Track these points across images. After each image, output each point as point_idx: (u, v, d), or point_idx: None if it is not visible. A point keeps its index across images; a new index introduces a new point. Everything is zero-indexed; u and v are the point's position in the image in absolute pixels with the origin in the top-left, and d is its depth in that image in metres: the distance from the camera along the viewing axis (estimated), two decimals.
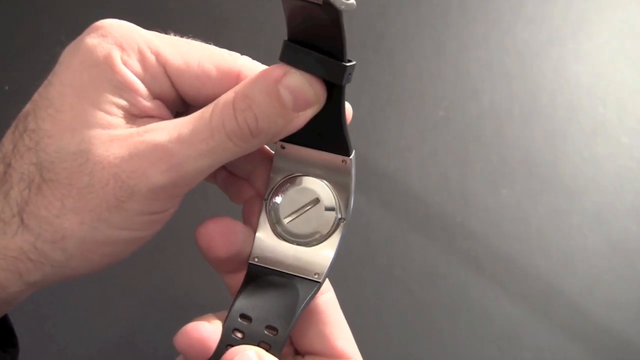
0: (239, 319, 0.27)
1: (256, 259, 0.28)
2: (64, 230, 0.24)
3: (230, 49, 0.52)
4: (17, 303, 0.26)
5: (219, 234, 0.27)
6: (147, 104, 0.25)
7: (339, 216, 0.28)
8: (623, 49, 0.57)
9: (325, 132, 0.26)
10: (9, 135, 0.25)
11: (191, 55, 0.26)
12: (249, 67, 0.27)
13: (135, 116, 0.25)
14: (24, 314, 0.35)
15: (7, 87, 0.54)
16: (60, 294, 0.46)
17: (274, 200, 0.28)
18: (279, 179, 0.28)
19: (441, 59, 0.56)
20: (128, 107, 0.25)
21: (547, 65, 0.56)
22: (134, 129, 0.24)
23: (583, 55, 0.57)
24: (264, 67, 0.27)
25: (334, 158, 0.27)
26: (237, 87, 0.25)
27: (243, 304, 0.28)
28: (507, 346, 0.46)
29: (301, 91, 0.25)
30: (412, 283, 0.48)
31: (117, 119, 0.24)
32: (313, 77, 0.25)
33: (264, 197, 0.28)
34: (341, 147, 0.27)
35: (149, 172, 0.23)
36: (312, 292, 0.28)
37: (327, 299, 0.30)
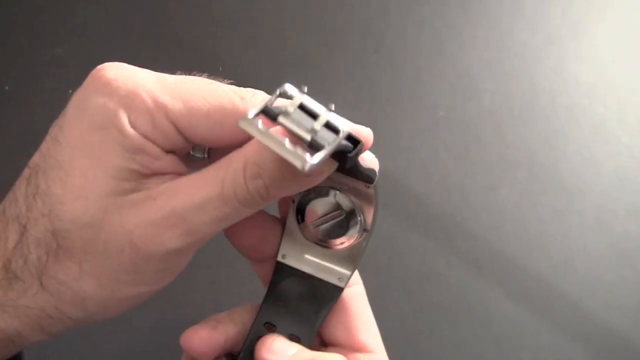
0: (264, 327, 0.28)
1: (283, 256, 0.29)
2: (84, 293, 0.24)
3: (230, 49, 0.53)
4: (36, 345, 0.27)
5: (249, 224, 0.27)
6: (158, 163, 0.25)
7: (363, 227, 0.28)
8: (623, 49, 0.57)
9: (345, 171, 0.26)
10: (22, 188, 0.25)
11: (201, 107, 0.25)
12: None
13: (147, 175, 0.25)
14: None
15: (7, 87, 0.54)
16: None
17: (301, 203, 0.28)
18: None
19: (441, 59, 0.56)
20: (140, 169, 0.24)
21: (547, 65, 0.56)
22: (146, 192, 0.24)
23: (583, 55, 0.57)
24: None
25: (359, 183, 0.27)
26: (248, 151, 0.24)
27: (268, 311, 0.28)
28: (507, 346, 0.46)
29: None
30: (412, 283, 0.48)
31: (129, 183, 0.24)
32: None
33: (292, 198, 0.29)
34: (363, 177, 0.27)
35: (164, 238, 0.24)
36: (334, 299, 0.29)
37: (354, 291, 0.30)
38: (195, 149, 0.27)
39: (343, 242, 0.29)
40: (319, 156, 0.20)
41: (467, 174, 0.52)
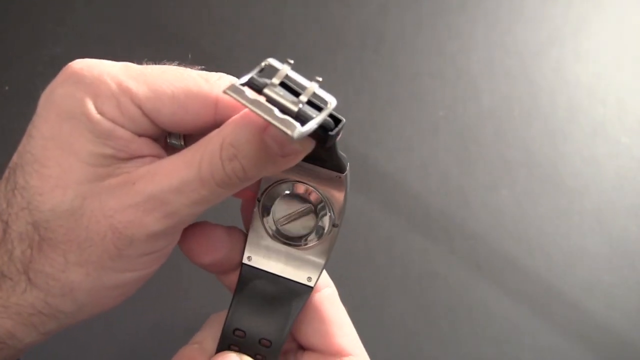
0: (234, 335, 0.27)
1: (249, 258, 0.28)
2: (71, 283, 0.24)
3: (230, 49, 0.53)
4: (32, 347, 0.26)
5: (200, 242, 0.27)
6: (133, 145, 0.25)
7: (332, 222, 0.27)
8: (623, 49, 0.57)
9: (320, 157, 0.25)
10: (1, 188, 0.25)
11: (165, 90, 0.25)
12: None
13: (124, 159, 0.24)
14: None
15: (7, 87, 0.54)
16: None
17: (267, 201, 0.28)
18: (273, 181, 0.28)
19: (441, 59, 0.56)
20: (114, 154, 0.24)
21: (547, 65, 0.56)
22: (124, 176, 0.24)
23: (583, 55, 0.57)
24: None
25: (329, 173, 0.26)
26: (224, 133, 0.24)
27: (236, 318, 0.28)
28: (507, 346, 0.46)
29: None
30: (412, 283, 0.48)
31: (105, 169, 0.24)
32: None
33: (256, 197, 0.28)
34: (335, 166, 0.26)
35: (145, 220, 0.24)
36: (304, 299, 0.28)
37: (325, 295, 0.30)
38: (171, 136, 0.27)
39: (311, 239, 0.28)
40: (308, 125, 0.20)
41: (467, 174, 0.52)
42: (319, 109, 0.21)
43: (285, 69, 0.21)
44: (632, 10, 0.58)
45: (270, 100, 0.21)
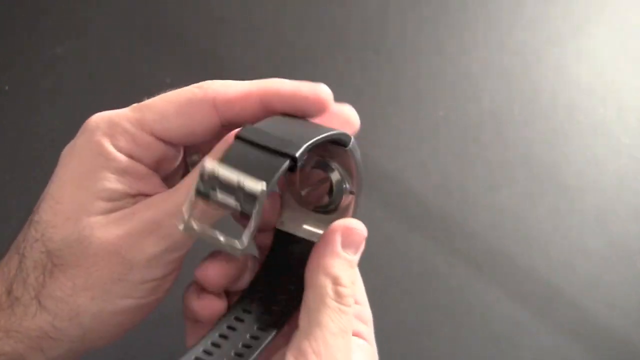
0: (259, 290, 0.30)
1: (281, 223, 0.31)
2: (78, 307, 0.26)
3: (230, 48, 0.53)
4: None
5: (220, 272, 0.29)
6: (142, 183, 0.27)
7: (349, 190, 0.30)
8: (623, 49, 0.57)
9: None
10: (24, 228, 0.28)
11: (168, 108, 0.27)
12: (222, 90, 0.28)
13: (131, 196, 0.27)
14: None
15: (7, 87, 0.54)
16: None
17: (292, 174, 0.30)
18: None
19: (441, 59, 0.56)
20: (126, 190, 0.27)
21: (547, 66, 0.56)
22: (129, 209, 0.26)
23: (583, 55, 0.57)
24: (238, 83, 0.29)
25: (337, 148, 0.29)
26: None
27: (265, 276, 0.30)
28: (507, 346, 0.46)
29: None
30: (412, 283, 0.48)
31: (114, 203, 0.27)
32: None
33: None
34: (340, 142, 0.28)
35: (144, 244, 0.26)
36: None
37: None
38: (190, 155, 0.30)
39: (333, 206, 0.30)
40: (246, 234, 0.22)
41: (467, 174, 0.52)
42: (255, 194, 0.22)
43: (215, 170, 0.22)
44: (632, 10, 0.58)
45: (217, 204, 0.22)
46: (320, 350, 0.26)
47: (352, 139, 0.28)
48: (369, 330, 0.31)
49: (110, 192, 0.26)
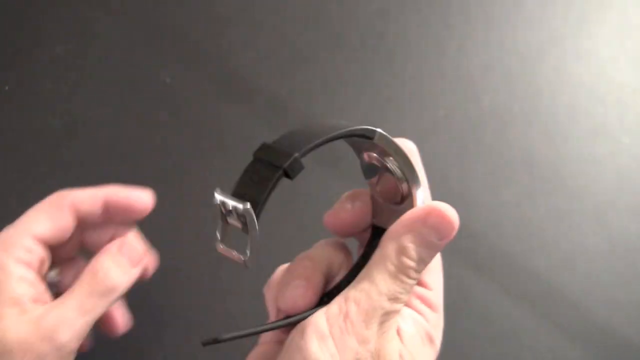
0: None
1: (374, 219, 0.33)
2: None
3: (230, 48, 0.53)
4: None
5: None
6: (34, 290, 0.33)
7: (399, 177, 0.32)
8: (623, 49, 0.57)
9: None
10: None
11: (44, 212, 0.35)
12: (76, 194, 0.36)
13: (37, 301, 0.33)
14: None
15: (7, 87, 0.54)
16: None
17: (368, 176, 0.33)
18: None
19: (441, 59, 0.56)
20: (27, 299, 0.33)
21: (547, 66, 0.56)
22: (32, 313, 0.32)
23: (583, 55, 0.57)
24: (86, 190, 0.37)
25: (369, 141, 0.30)
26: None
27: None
28: (507, 346, 0.46)
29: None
30: None
31: (20, 307, 0.32)
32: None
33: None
34: (363, 136, 0.30)
35: (37, 345, 0.31)
36: None
37: None
38: (48, 272, 0.36)
39: (399, 196, 0.32)
40: (248, 247, 0.26)
41: (467, 174, 0.52)
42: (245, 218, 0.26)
43: (223, 202, 0.27)
44: (632, 10, 0.58)
45: (233, 226, 0.27)
46: (361, 300, 0.27)
47: (378, 131, 0.29)
48: (435, 317, 0.31)
49: (13, 299, 0.32)
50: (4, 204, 0.49)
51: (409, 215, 0.29)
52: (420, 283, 0.31)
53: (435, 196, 0.52)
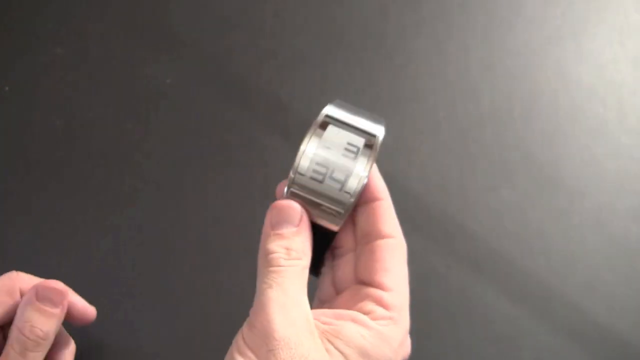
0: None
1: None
2: None
3: (230, 48, 0.53)
4: None
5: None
6: None
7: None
8: (623, 49, 0.57)
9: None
10: None
11: (4, 304, 0.37)
12: (24, 278, 0.38)
13: None
14: None
15: (7, 88, 0.54)
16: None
17: None
18: None
19: (441, 59, 0.56)
20: None
21: (548, 66, 0.56)
22: None
23: (583, 55, 0.57)
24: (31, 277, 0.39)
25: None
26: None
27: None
28: (507, 346, 0.46)
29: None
30: (412, 283, 0.48)
31: None
32: None
33: None
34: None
35: None
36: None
37: (388, 243, 0.36)
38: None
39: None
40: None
41: (467, 174, 0.52)
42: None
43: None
44: (632, 10, 0.58)
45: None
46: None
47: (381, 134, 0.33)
48: (391, 318, 0.33)
49: None
50: (4, 204, 0.49)
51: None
52: (376, 284, 0.33)
53: (435, 196, 0.52)
